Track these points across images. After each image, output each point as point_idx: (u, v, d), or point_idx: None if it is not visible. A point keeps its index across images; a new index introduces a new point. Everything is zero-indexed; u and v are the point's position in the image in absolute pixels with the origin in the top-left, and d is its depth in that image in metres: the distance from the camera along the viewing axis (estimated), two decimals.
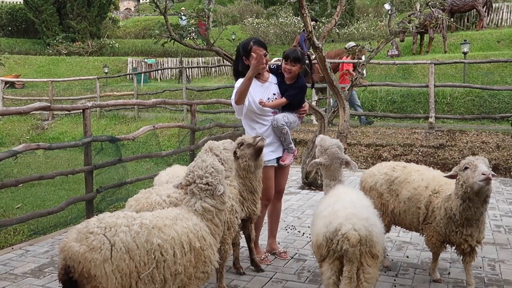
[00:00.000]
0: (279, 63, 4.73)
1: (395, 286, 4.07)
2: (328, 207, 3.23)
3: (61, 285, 2.68)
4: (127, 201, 3.70)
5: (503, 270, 4.40)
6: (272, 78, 4.66)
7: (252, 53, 4.21)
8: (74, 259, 2.58)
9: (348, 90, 8.25)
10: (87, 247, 2.59)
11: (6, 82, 20.54)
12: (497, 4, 21.60)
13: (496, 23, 21.54)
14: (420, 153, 9.86)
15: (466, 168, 3.55)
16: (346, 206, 3.14)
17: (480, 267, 4.49)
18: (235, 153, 4.06)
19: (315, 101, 10.23)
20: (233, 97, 4.41)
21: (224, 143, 3.95)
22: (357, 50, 8.78)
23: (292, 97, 4.55)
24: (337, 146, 3.67)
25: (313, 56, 7.69)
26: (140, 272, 2.71)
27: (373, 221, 3.06)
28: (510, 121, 10.62)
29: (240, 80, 4.35)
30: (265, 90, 4.56)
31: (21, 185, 8.51)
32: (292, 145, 4.65)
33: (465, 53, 14.18)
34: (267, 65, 4.62)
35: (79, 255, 2.57)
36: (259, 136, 4.13)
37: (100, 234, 2.65)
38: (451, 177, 3.72)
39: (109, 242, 2.63)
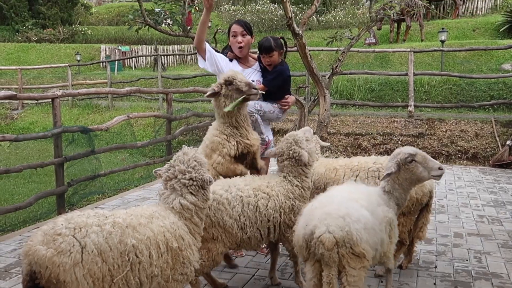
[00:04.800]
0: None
1: (382, 281, 3.93)
2: (310, 203, 3.05)
3: None
4: None
5: (490, 263, 4.31)
6: (257, 65, 4.47)
7: None
8: (40, 264, 2.34)
9: (328, 78, 8.09)
10: (54, 250, 2.35)
11: None
12: None
13: (471, 11, 21.71)
14: (399, 142, 9.80)
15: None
16: (324, 202, 2.92)
17: (467, 260, 4.39)
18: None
19: None
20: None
21: (305, 133, 3.67)
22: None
23: (269, 82, 4.29)
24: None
25: None
26: (113, 275, 2.49)
27: (355, 217, 2.76)
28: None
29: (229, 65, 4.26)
30: (246, 76, 4.35)
31: None
32: (266, 136, 4.32)
33: (443, 41, 14.17)
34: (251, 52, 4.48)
35: (46, 259, 2.33)
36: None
37: (69, 236, 2.41)
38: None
39: (79, 244, 2.41)
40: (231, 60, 4.39)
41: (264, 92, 4.15)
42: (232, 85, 3.67)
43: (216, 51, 4.47)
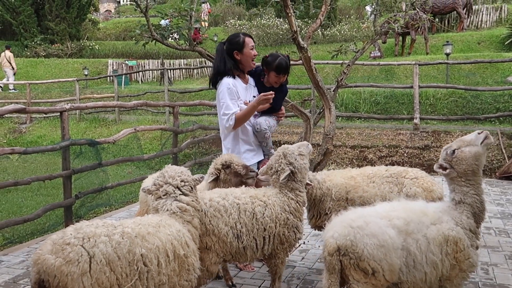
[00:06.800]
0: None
1: None
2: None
3: None
4: None
5: (497, 274, 4.31)
6: (251, 80, 4.49)
7: (263, 95, 3.97)
8: (49, 273, 2.38)
9: (333, 90, 8.13)
10: (63, 260, 2.39)
11: None
12: (476, 6, 21.86)
13: (476, 25, 21.79)
14: (405, 154, 9.81)
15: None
16: (350, 212, 2.96)
17: (474, 271, 4.38)
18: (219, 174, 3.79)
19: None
20: (227, 123, 4.08)
21: (300, 147, 3.59)
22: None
23: (277, 101, 4.34)
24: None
25: None
26: (121, 284, 2.52)
27: (369, 232, 2.70)
28: None
29: (226, 90, 4.12)
30: (247, 93, 4.40)
31: None
32: (273, 150, 4.43)
33: (447, 54, 14.22)
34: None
35: (55, 269, 2.37)
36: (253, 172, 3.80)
37: (78, 245, 2.45)
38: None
39: (87, 253, 2.44)
40: (234, 77, 4.36)
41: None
42: (230, 168, 3.71)
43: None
